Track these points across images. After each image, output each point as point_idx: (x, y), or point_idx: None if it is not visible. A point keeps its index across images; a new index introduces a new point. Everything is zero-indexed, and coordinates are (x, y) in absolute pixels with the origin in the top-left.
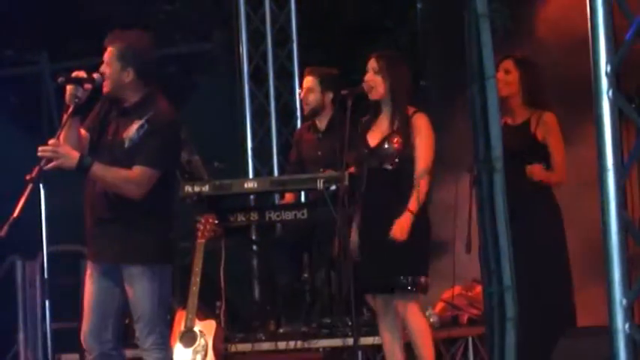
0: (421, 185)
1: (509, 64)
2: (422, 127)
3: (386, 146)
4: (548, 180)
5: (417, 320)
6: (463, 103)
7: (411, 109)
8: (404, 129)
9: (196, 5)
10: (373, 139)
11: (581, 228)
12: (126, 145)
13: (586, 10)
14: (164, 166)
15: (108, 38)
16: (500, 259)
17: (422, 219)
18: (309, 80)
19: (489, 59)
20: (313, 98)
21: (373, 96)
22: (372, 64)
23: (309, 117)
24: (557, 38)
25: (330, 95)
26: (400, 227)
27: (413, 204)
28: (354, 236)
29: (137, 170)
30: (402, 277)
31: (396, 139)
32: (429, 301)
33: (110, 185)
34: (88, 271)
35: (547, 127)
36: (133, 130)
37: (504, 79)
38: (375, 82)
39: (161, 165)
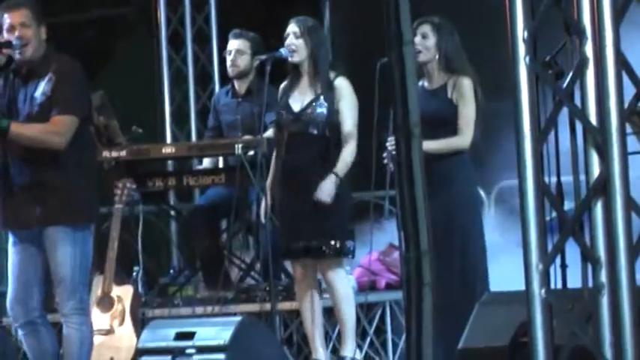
0: (348, 149)
1: (426, 28)
2: (344, 90)
3: (311, 111)
4: (449, 146)
5: (343, 285)
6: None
7: (332, 73)
8: (328, 93)
9: None
10: (296, 103)
11: None
12: (38, 100)
13: None
14: (81, 112)
15: (8, 5)
16: (418, 224)
17: (346, 183)
18: (239, 43)
19: (407, 24)
20: (243, 61)
21: (294, 59)
22: (293, 28)
23: (236, 78)
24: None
25: (256, 60)
26: (325, 189)
27: (340, 167)
28: (267, 200)
29: (56, 119)
30: (329, 242)
31: (321, 104)
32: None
33: (32, 140)
34: (11, 239)
35: (460, 91)
36: (42, 86)
37: (422, 44)
38: (297, 45)
39: (78, 110)
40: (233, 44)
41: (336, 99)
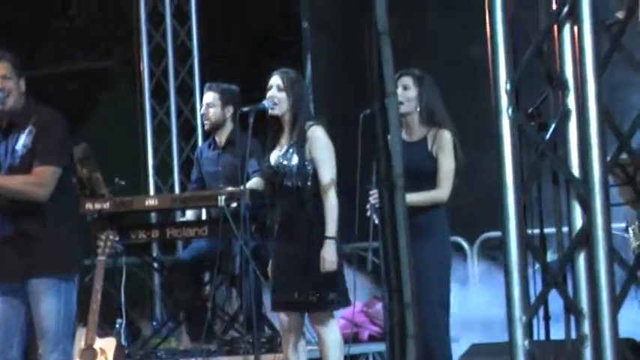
0: (328, 202)
1: (408, 80)
2: (317, 139)
3: (284, 162)
4: (428, 199)
5: (333, 334)
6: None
7: (307, 123)
8: (300, 144)
9: (96, 22)
10: (273, 156)
11: None
12: (19, 153)
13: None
14: (62, 162)
15: None
16: (402, 276)
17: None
18: (209, 96)
19: (390, 76)
20: (213, 113)
21: (275, 111)
22: (276, 80)
23: (210, 132)
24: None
25: (230, 110)
26: (327, 258)
27: (330, 228)
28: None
29: (38, 170)
30: (315, 294)
31: (291, 155)
32: None
33: (14, 192)
34: None
35: (440, 144)
36: (22, 138)
37: (403, 96)
38: (279, 98)
39: (59, 161)
40: (204, 98)
41: (308, 148)
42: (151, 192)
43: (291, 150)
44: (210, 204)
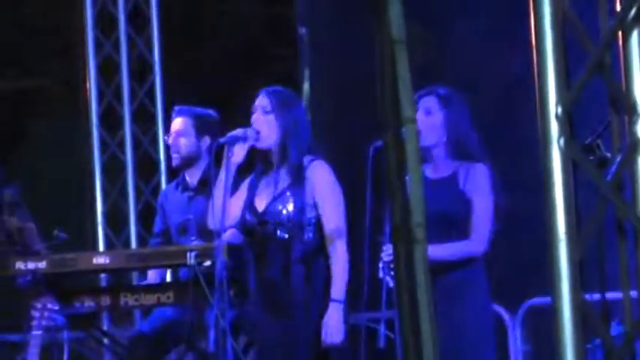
0: (337, 257)
1: (430, 102)
2: (321, 179)
3: (275, 210)
4: (459, 252)
5: None
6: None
7: (307, 158)
8: (297, 184)
9: (28, 30)
10: (261, 200)
11: None
12: None
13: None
14: None
15: None
16: (423, 355)
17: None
18: (179, 122)
19: (407, 98)
20: (185, 145)
21: (262, 143)
22: (262, 101)
23: (179, 169)
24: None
25: (207, 141)
26: (332, 327)
27: (338, 289)
28: None
29: None
30: None
31: (286, 200)
32: None
33: None
34: None
35: (474, 181)
36: None
37: (424, 123)
38: (265, 123)
39: None
40: (173, 125)
41: (308, 190)
42: (101, 247)
43: (285, 194)
44: (177, 262)
